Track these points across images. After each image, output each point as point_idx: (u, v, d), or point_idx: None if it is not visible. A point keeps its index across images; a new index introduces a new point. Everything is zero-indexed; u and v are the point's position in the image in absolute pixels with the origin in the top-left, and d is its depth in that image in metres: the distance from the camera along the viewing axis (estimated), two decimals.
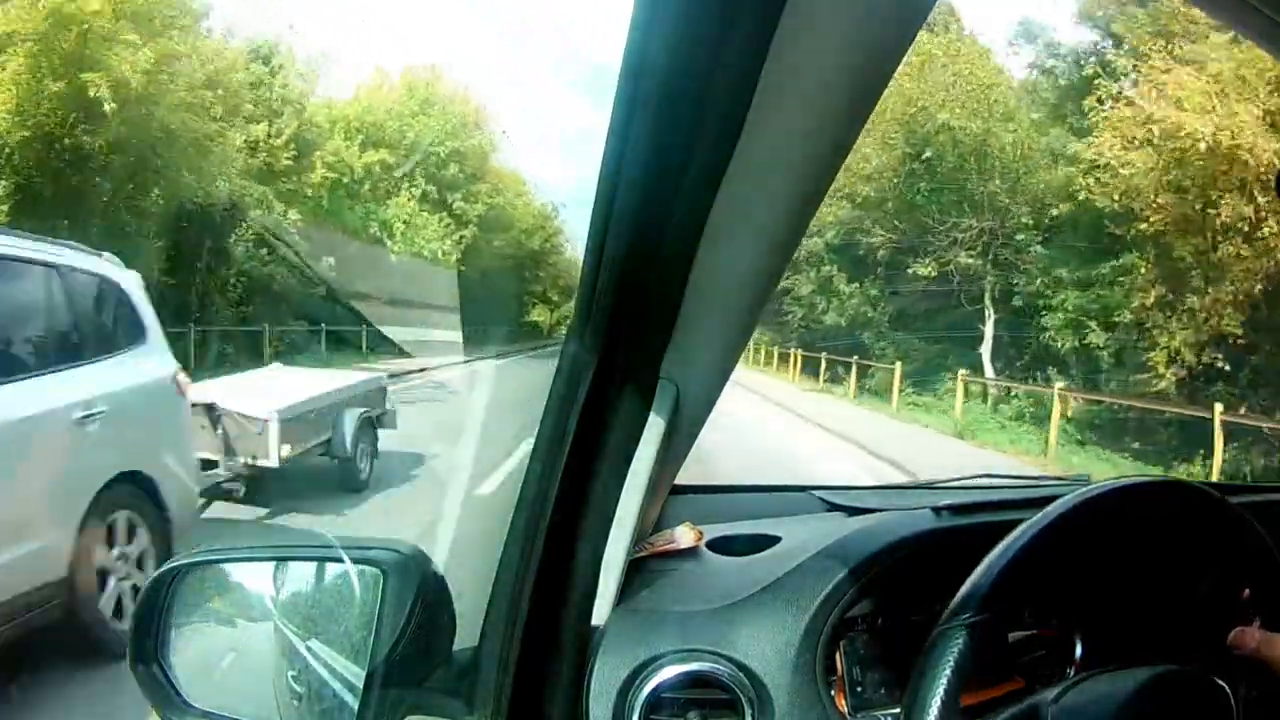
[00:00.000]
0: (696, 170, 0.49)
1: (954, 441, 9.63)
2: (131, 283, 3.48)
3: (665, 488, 0.89)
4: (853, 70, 0.45)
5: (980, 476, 1.13)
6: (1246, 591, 0.66)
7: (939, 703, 0.52)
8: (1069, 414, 10.04)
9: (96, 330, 3.33)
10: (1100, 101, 10.19)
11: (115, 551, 3.03)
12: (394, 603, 0.65)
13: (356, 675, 0.66)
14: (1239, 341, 9.28)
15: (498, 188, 24.01)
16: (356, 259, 16.15)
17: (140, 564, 3.11)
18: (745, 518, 0.95)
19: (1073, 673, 0.73)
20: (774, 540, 0.86)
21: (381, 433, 5.81)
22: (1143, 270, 10.17)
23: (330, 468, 5.33)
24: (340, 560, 0.70)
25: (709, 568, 0.82)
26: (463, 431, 6.05)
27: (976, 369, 12.05)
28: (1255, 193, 8.54)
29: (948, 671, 0.53)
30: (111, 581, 2.97)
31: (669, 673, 0.68)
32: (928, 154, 12.62)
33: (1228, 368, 9.36)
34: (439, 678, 0.67)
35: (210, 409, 4.52)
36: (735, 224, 0.54)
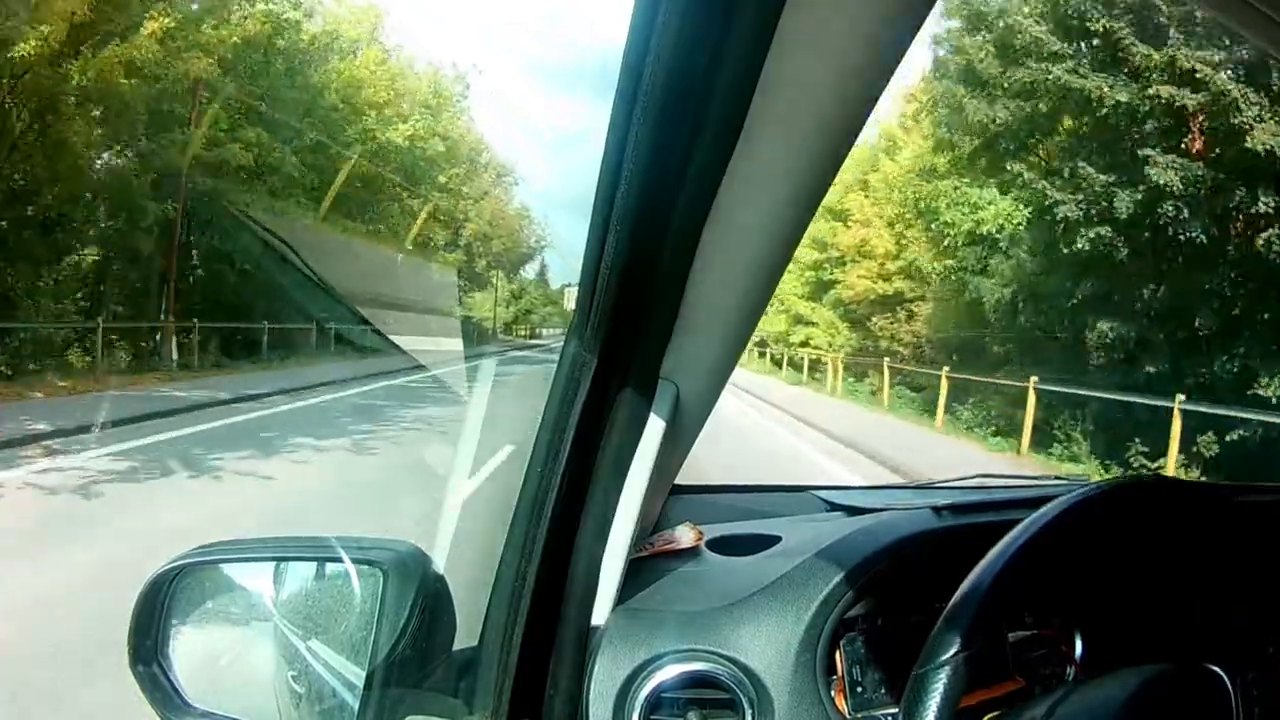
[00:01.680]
0: (696, 170, 0.49)
1: None
2: None
3: (665, 488, 0.89)
4: (853, 70, 0.45)
5: (979, 476, 1.13)
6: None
7: None
8: None
9: None
10: None
11: None
12: (394, 603, 0.65)
13: (356, 675, 0.67)
14: None
15: None
16: None
17: None
18: (745, 518, 0.95)
19: (1073, 673, 0.73)
20: (774, 540, 0.86)
21: None
22: None
23: None
24: (340, 560, 0.70)
25: (709, 568, 0.82)
26: None
27: None
28: None
29: (939, 698, 0.52)
30: None
31: (669, 673, 0.68)
32: None
33: None
34: (439, 678, 0.67)
35: None
36: (735, 224, 0.54)
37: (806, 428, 9.61)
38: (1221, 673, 0.57)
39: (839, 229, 15.32)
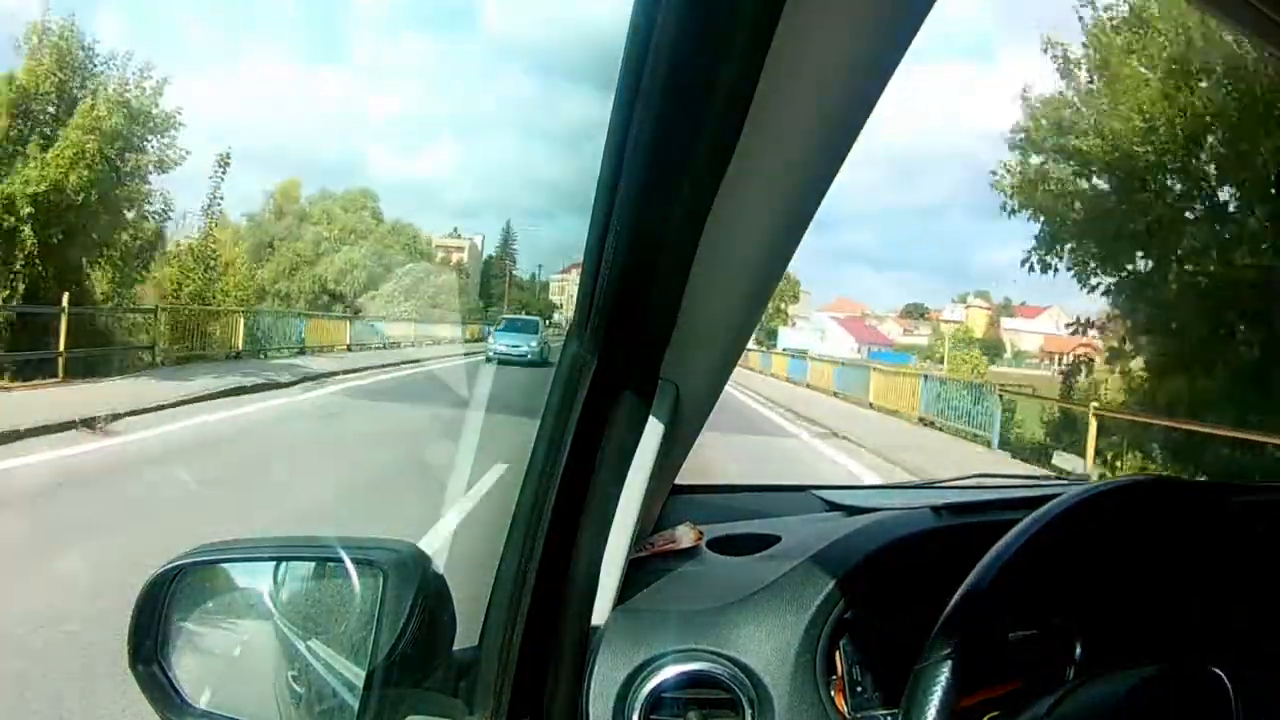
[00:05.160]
0: (696, 170, 0.49)
1: None
2: None
3: (665, 488, 0.89)
4: (853, 69, 0.45)
5: (980, 476, 1.13)
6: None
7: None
8: None
9: None
10: None
11: None
12: (394, 603, 0.65)
13: (356, 675, 0.66)
14: None
15: None
16: None
17: None
18: (745, 518, 0.95)
19: (1072, 673, 0.73)
20: (774, 540, 0.86)
21: None
22: None
23: None
24: (340, 560, 0.70)
25: (709, 568, 0.82)
26: None
27: None
28: None
29: (938, 698, 0.52)
30: None
31: (669, 673, 0.68)
32: None
33: None
34: (439, 678, 0.67)
35: None
36: (735, 224, 0.53)
37: None
38: (1221, 673, 0.57)
39: None
